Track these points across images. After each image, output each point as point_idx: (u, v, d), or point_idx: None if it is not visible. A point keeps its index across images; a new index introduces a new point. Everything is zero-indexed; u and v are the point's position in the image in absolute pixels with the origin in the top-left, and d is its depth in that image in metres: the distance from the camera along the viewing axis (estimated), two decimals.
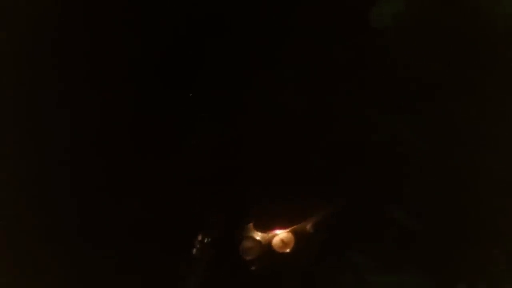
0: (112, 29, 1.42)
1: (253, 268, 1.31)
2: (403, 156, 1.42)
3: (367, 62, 1.43)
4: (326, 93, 1.42)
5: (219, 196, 1.34)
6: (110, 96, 1.41)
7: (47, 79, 1.41)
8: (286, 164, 1.37)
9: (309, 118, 1.41)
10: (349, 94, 1.42)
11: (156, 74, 1.44)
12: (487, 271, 1.39)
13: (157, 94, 1.42)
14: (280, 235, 1.30)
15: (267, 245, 1.30)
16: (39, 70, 1.40)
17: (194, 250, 1.32)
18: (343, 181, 1.38)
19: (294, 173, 1.36)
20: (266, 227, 1.31)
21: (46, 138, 1.39)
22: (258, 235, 1.31)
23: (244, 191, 1.34)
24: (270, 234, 1.31)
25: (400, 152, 1.42)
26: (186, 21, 1.45)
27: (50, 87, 1.41)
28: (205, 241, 1.32)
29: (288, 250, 1.30)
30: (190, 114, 1.40)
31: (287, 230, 1.31)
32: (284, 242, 1.30)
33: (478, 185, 1.40)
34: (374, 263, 1.39)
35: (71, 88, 1.41)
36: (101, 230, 1.35)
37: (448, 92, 1.43)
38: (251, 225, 1.31)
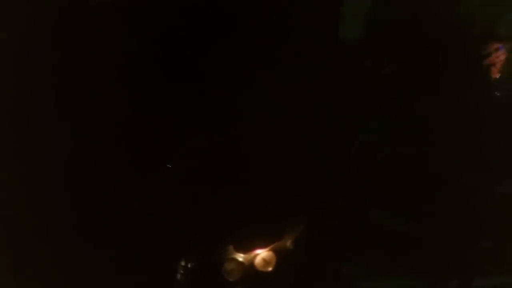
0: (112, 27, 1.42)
1: None
2: (382, 160, 1.42)
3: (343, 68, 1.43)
4: (303, 101, 1.42)
5: (197, 219, 1.35)
6: (110, 95, 1.40)
7: (48, 78, 1.40)
8: (262, 181, 1.37)
9: (283, 130, 1.41)
10: (326, 101, 1.42)
11: (153, 75, 1.44)
12: (480, 266, 1.40)
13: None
14: (262, 254, 1.31)
15: (249, 265, 1.31)
16: (39, 69, 1.39)
17: (178, 276, 1.32)
18: (322, 191, 1.39)
19: (272, 189, 1.37)
20: (246, 248, 1.32)
21: (46, 138, 1.38)
22: (240, 256, 1.31)
23: (222, 212, 1.34)
24: (252, 254, 1.31)
25: (378, 156, 1.42)
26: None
27: (51, 87, 1.40)
28: (188, 266, 1.33)
29: (270, 269, 1.31)
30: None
31: (268, 248, 1.31)
32: (266, 261, 1.31)
33: (463, 181, 1.41)
34: (364, 270, 1.40)
35: (72, 87, 1.40)
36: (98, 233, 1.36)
37: (424, 92, 1.43)
38: (231, 247, 1.31)
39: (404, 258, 1.42)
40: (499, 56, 1.40)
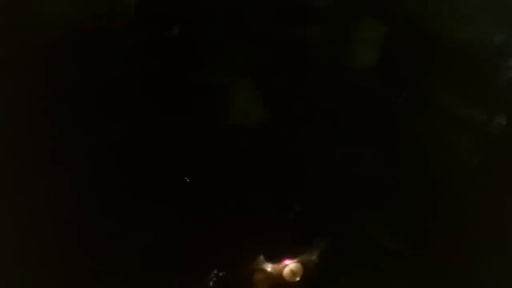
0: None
1: None
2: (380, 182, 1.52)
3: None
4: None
5: (229, 230, 1.43)
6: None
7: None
8: (293, 194, 1.47)
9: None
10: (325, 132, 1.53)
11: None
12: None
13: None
14: (290, 265, 1.39)
15: (278, 276, 1.39)
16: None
17: (211, 283, 1.41)
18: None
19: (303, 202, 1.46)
20: (276, 258, 1.40)
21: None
22: (269, 267, 1.40)
23: (253, 223, 1.43)
24: (281, 265, 1.40)
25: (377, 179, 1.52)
26: None
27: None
28: (220, 274, 1.41)
29: (297, 279, 1.39)
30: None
31: (296, 260, 1.40)
32: (293, 272, 1.39)
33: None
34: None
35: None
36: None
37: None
38: (262, 257, 1.40)
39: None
40: None
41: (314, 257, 1.41)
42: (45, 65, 1.54)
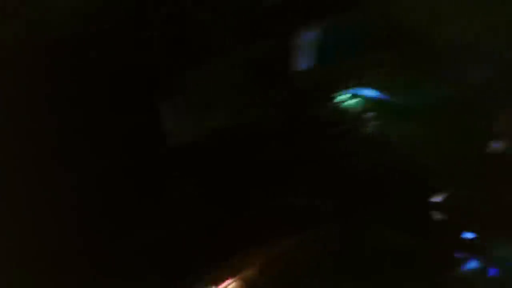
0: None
1: None
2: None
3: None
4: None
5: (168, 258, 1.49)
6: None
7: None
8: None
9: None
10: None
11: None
12: None
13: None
14: (229, 286, 1.38)
15: None
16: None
17: None
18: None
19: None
20: (216, 281, 1.41)
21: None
22: None
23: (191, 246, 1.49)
24: (221, 286, 1.39)
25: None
26: None
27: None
28: None
29: None
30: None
31: (235, 279, 1.40)
32: None
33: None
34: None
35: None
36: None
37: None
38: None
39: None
40: None
41: (255, 272, 1.39)
42: (45, 65, 1.53)
